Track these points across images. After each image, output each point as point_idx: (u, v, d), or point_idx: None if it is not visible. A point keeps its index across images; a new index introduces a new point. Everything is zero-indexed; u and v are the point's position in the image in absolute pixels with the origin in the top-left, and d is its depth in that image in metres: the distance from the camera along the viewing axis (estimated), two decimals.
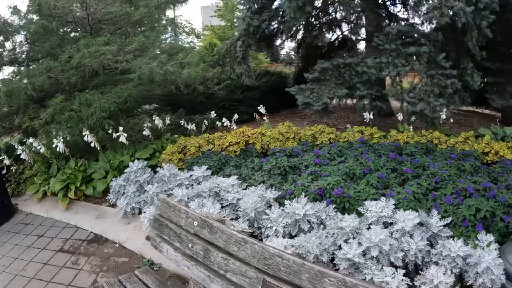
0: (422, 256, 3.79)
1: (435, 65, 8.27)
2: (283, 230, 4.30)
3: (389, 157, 5.73)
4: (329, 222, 4.17)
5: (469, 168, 5.52)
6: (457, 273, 3.65)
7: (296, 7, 8.32)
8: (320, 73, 9.20)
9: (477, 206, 4.16)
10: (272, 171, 5.71)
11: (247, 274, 2.43)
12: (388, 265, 3.68)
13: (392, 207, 4.16)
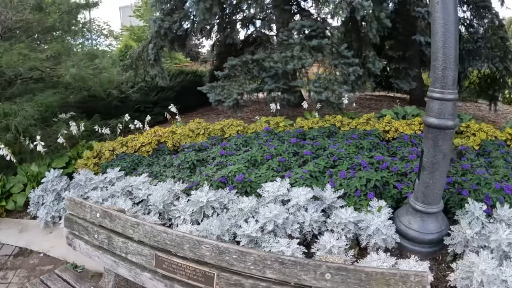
0: (318, 226, 4.09)
1: (337, 55, 8.72)
2: (191, 218, 4.47)
3: (291, 142, 6.03)
4: (231, 206, 4.41)
5: (367, 145, 5.93)
6: (351, 237, 3.98)
7: (204, 9, 8.51)
8: (230, 70, 9.43)
9: (368, 177, 4.52)
10: (181, 166, 5.83)
11: (142, 253, 2.75)
12: (286, 237, 3.93)
13: (287, 186, 4.42)
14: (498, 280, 3.33)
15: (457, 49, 3.44)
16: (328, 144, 6.01)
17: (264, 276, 2.34)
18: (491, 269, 3.28)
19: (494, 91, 12.70)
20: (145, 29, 26.35)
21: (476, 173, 4.98)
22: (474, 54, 11.72)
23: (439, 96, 3.51)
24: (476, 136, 7.13)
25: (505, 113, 14.98)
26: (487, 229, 3.87)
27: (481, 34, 11.82)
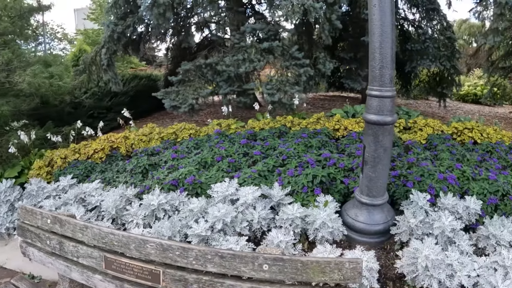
0: (267, 223, 4.22)
1: (289, 57, 8.90)
2: (143, 222, 4.51)
3: (241, 143, 6.14)
4: (182, 207, 4.49)
5: (316, 144, 6.11)
6: (299, 232, 4.15)
7: (157, 14, 8.48)
8: (184, 75, 9.45)
9: (314, 173, 4.69)
10: (133, 170, 5.85)
11: (92, 255, 2.80)
12: (236, 235, 4.03)
13: (236, 186, 4.55)
14: (443, 265, 3.54)
15: (394, 49, 3.65)
16: (278, 144, 6.16)
17: (206, 270, 2.44)
18: (434, 255, 3.48)
19: (442, 88, 13.23)
20: (100, 33, 25.24)
21: (420, 166, 5.25)
22: (422, 53, 12.15)
23: (377, 94, 3.73)
24: (423, 131, 7.44)
25: (454, 108, 15.57)
26: (430, 217, 4.11)
27: (429, 35, 12.27)
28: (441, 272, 3.50)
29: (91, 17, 28.58)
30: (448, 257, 3.58)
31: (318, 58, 9.61)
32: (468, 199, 4.43)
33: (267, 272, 2.30)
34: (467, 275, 3.48)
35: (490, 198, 4.66)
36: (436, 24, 12.71)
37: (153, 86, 12.55)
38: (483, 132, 7.48)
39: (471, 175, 5.12)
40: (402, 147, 6.70)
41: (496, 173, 5.35)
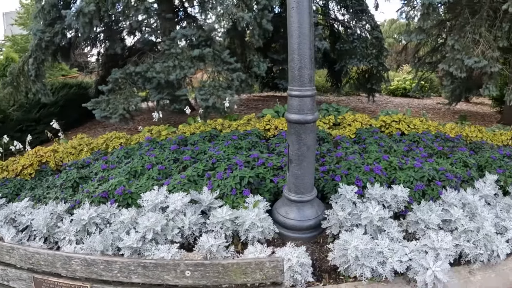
0: (199, 228, 4.27)
1: (221, 62, 8.99)
2: (76, 238, 4.39)
3: (171, 149, 6.14)
4: (114, 219, 4.42)
5: (246, 145, 6.21)
6: (230, 234, 4.22)
7: (84, 23, 8.31)
8: (114, 83, 9.27)
9: (241, 175, 4.78)
10: (63, 185, 5.70)
11: (22, 277, 2.75)
12: (168, 243, 4.04)
13: (165, 193, 4.55)
14: (374, 253, 3.72)
15: (312, 50, 3.80)
16: (208, 147, 6.20)
17: (131, 281, 2.47)
18: (363, 244, 3.65)
19: (371, 84, 13.83)
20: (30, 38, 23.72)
21: (348, 159, 5.49)
22: (351, 53, 12.69)
23: (297, 94, 3.87)
24: (351, 126, 7.75)
25: (384, 103, 16.15)
26: (358, 208, 4.32)
27: (358, 35, 12.76)
28: (372, 260, 3.68)
29: (19, 22, 26.48)
30: (379, 245, 3.77)
31: (252, 60, 9.76)
32: (396, 188, 4.69)
33: (190, 278, 2.35)
34: (399, 260, 3.69)
35: (417, 185, 4.96)
36: (364, 24, 13.21)
37: (84, 94, 12.07)
38: (409, 123, 7.89)
39: (397, 165, 5.41)
40: (331, 143, 6.94)
41: (422, 161, 5.71)
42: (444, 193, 4.85)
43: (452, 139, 7.36)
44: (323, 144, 6.80)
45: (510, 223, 4.45)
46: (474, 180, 5.39)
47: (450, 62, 10.31)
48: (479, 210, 4.47)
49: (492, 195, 5.09)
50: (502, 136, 8.07)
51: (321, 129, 7.51)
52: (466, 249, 4.03)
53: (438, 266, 3.56)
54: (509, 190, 5.42)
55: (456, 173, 5.37)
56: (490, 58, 9.57)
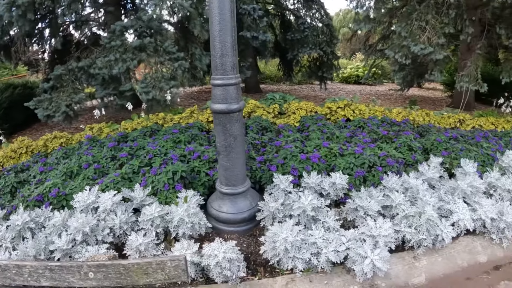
0: (131, 226, 4.16)
1: (163, 52, 8.81)
2: (12, 245, 4.20)
3: (109, 146, 5.98)
4: (48, 223, 4.25)
5: (185, 139, 6.11)
6: (162, 231, 4.15)
7: (18, 16, 7.92)
8: (56, 80, 8.98)
9: (174, 169, 4.67)
10: (1, 191, 5.50)
11: None
12: (101, 243, 3.94)
13: (96, 193, 4.40)
14: (307, 244, 3.70)
15: (234, 37, 3.71)
16: (147, 143, 6.08)
17: (41, 284, 2.41)
18: (293, 236, 3.62)
19: (322, 72, 13.95)
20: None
21: (284, 148, 5.46)
22: (303, 42, 12.70)
23: (221, 83, 3.77)
24: (296, 114, 7.75)
25: (337, 90, 16.33)
26: (291, 199, 4.27)
27: (308, 23, 12.76)
28: (305, 252, 3.65)
29: None
30: (312, 235, 3.74)
31: (194, 54, 9.67)
32: (334, 175, 4.69)
33: (94, 280, 2.31)
34: (334, 250, 3.65)
35: (357, 171, 5.01)
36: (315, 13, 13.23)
37: (31, 95, 11.21)
38: (355, 109, 7.99)
39: (338, 152, 5.44)
40: (274, 132, 6.96)
41: (364, 146, 5.77)
42: (385, 178, 4.89)
43: (398, 123, 7.47)
44: (266, 133, 6.82)
45: (455, 206, 4.49)
46: (419, 163, 5.47)
47: (396, 49, 10.54)
48: (421, 194, 4.53)
49: (437, 178, 5.17)
50: (450, 119, 8.27)
51: (264, 118, 7.49)
52: (408, 235, 4.05)
53: (376, 254, 3.55)
54: (454, 172, 5.45)
55: (398, 158, 5.44)
56: (436, 45, 9.79)
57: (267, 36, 10.78)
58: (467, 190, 4.80)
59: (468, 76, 10.34)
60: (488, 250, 4.44)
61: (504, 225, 4.43)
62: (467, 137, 6.83)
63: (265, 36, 10.74)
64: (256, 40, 10.72)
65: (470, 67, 10.43)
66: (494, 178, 5.24)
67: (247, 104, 8.02)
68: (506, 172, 5.77)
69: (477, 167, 5.41)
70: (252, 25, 10.77)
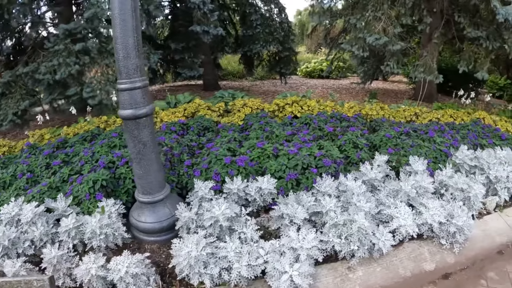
0: (51, 238, 4.06)
1: (108, 54, 8.70)
2: None
3: (44, 154, 5.77)
4: None
5: (121, 143, 5.87)
6: (78, 243, 4.02)
7: None
8: (5, 87, 8.72)
9: (94, 178, 4.53)
10: None
11: None
12: (22, 256, 3.79)
13: (20, 204, 4.26)
14: (217, 258, 3.58)
15: (136, 38, 3.56)
16: (84, 148, 5.86)
17: None
18: (198, 251, 3.47)
19: (280, 68, 13.91)
20: None
21: (212, 151, 5.33)
22: (254, 38, 12.62)
23: (126, 87, 3.62)
24: (240, 112, 7.65)
25: (299, 84, 16.42)
26: (205, 207, 4.08)
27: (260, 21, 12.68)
28: (214, 267, 3.51)
29: None
30: (225, 248, 3.59)
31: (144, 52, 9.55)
32: (261, 180, 4.52)
33: None
34: (248, 265, 3.47)
35: (289, 174, 4.77)
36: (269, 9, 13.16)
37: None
38: (303, 105, 7.92)
39: (272, 152, 5.26)
40: (215, 132, 6.91)
41: (301, 146, 5.55)
42: (318, 181, 4.60)
43: (348, 119, 7.38)
44: (206, 133, 6.75)
45: (396, 210, 4.26)
46: (364, 162, 5.27)
47: (352, 41, 10.51)
48: (355, 199, 4.23)
49: (380, 178, 4.90)
50: (406, 113, 8.18)
51: (208, 117, 7.38)
52: (337, 246, 3.81)
53: (296, 269, 3.37)
54: (402, 170, 5.23)
55: (336, 158, 5.25)
56: (393, 35, 9.77)
57: (218, 30, 10.65)
58: (411, 192, 4.56)
59: (423, 66, 10.30)
60: (437, 257, 4.23)
61: (454, 229, 4.22)
62: (420, 131, 6.69)
63: (216, 30, 10.63)
64: (207, 35, 10.62)
65: (426, 57, 10.40)
66: (447, 176, 5.07)
67: (191, 103, 7.95)
68: (460, 169, 5.59)
69: (428, 165, 5.33)
70: (203, 19, 10.67)
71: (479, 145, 6.61)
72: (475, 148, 6.42)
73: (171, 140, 5.99)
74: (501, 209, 5.30)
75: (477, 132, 7.22)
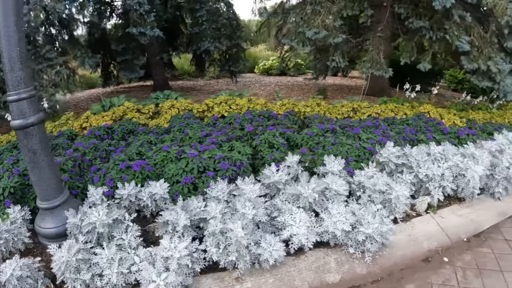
0: None
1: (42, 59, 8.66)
2: None
3: None
4: None
5: None
6: None
7: None
8: None
9: (3, 185, 4.58)
10: None
11: None
12: None
13: None
14: (91, 264, 3.59)
15: (20, 51, 3.62)
16: (10, 156, 5.79)
17: None
18: (69, 256, 3.49)
19: (229, 66, 13.88)
20: None
21: (112, 157, 5.32)
22: (201, 36, 12.51)
23: (14, 98, 3.70)
24: (167, 114, 7.64)
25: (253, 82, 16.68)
26: (87, 214, 4.07)
27: (206, 17, 12.52)
28: (86, 272, 3.52)
29: None
30: (100, 254, 3.59)
31: (77, 56, 9.50)
32: (154, 184, 4.52)
33: None
34: (119, 272, 3.48)
35: (185, 178, 4.78)
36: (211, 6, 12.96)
37: None
38: (232, 104, 7.90)
39: (175, 155, 5.27)
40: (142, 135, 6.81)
41: (207, 148, 5.52)
42: (212, 185, 4.52)
43: (277, 117, 7.35)
44: (131, 137, 6.76)
45: (290, 217, 4.07)
46: (277, 162, 5.13)
47: (292, 36, 10.33)
48: (239, 206, 4.03)
49: (284, 181, 4.68)
50: (343, 108, 8.14)
51: (135, 120, 7.39)
52: (214, 256, 3.72)
53: (163, 279, 3.34)
54: (317, 171, 5.05)
55: (236, 160, 5.18)
56: (333, 28, 9.64)
57: (155, 31, 10.48)
58: (310, 196, 4.31)
59: (370, 61, 10.11)
60: (345, 267, 3.99)
61: (363, 237, 3.99)
62: (348, 128, 6.56)
63: (153, 32, 10.47)
64: (144, 36, 10.48)
65: (372, 52, 10.24)
66: (366, 176, 4.87)
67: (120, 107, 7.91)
68: (385, 167, 5.37)
69: (348, 164, 5.25)
70: (139, 21, 10.58)
71: (416, 140, 6.49)
72: (412, 144, 6.26)
73: (88, 145, 5.95)
74: (434, 210, 5.13)
75: (418, 127, 7.19)
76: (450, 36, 8.91)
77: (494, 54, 8.66)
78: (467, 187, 5.26)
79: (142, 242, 3.92)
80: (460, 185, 5.33)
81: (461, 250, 4.52)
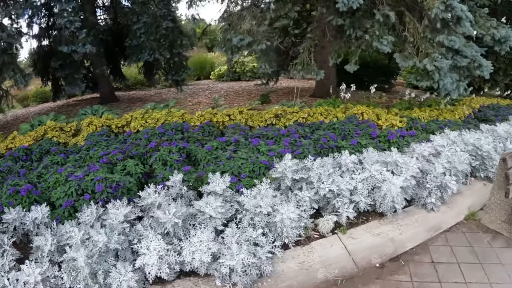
0: None
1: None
2: None
3: None
4: None
5: None
6: None
7: None
8: None
9: None
10: None
11: None
12: None
13: None
14: None
15: None
16: None
17: None
18: None
19: (172, 75, 14.07)
20: None
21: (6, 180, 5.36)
22: (140, 48, 12.59)
23: None
24: (84, 132, 7.75)
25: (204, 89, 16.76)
26: None
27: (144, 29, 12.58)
28: None
29: None
30: None
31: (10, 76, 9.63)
32: (35, 210, 4.47)
33: None
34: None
35: (66, 201, 4.71)
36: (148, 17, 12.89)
37: None
38: (148, 118, 7.97)
39: (64, 178, 5.18)
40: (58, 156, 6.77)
41: (97, 168, 5.44)
42: (84, 209, 4.40)
43: (188, 129, 7.32)
44: (48, 157, 6.60)
45: (145, 245, 3.87)
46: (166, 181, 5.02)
47: (221, 44, 10.53)
48: (93, 232, 3.94)
49: (158, 204, 4.40)
50: (266, 115, 8.09)
51: (55, 140, 7.40)
52: (67, 283, 3.63)
53: None
54: (202, 191, 4.72)
55: (113, 182, 4.96)
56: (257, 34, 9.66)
57: (87, 48, 10.61)
58: (169, 222, 4.04)
59: (301, 64, 10.14)
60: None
61: (226, 269, 3.72)
62: (255, 138, 6.37)
63: (84, 48, 10.64)
64: (76, 54, 10.73)
65: (303, 54, 10.22)
66: (251, 196, 4.46)
67: (41, 126, 8.02)
68: (281, 184, 4.95)
69: (240, 181, 4.95)
70: (70, 39, 10.81)
71: (336, 147, 6.15)
72: (332, 151, 5.98)
73: (2, 168, 6.03)
74: (343, 230, 4.69)
75: (346, 131, 6.95)
76: (371, 36, 8.75)
77: (432, 50, 8.43)
78: (384, 202, 4.90)
79: (17, 266, 3.86)
80: (377, 200, 4.97)
81: (369, 279, 3.89)
